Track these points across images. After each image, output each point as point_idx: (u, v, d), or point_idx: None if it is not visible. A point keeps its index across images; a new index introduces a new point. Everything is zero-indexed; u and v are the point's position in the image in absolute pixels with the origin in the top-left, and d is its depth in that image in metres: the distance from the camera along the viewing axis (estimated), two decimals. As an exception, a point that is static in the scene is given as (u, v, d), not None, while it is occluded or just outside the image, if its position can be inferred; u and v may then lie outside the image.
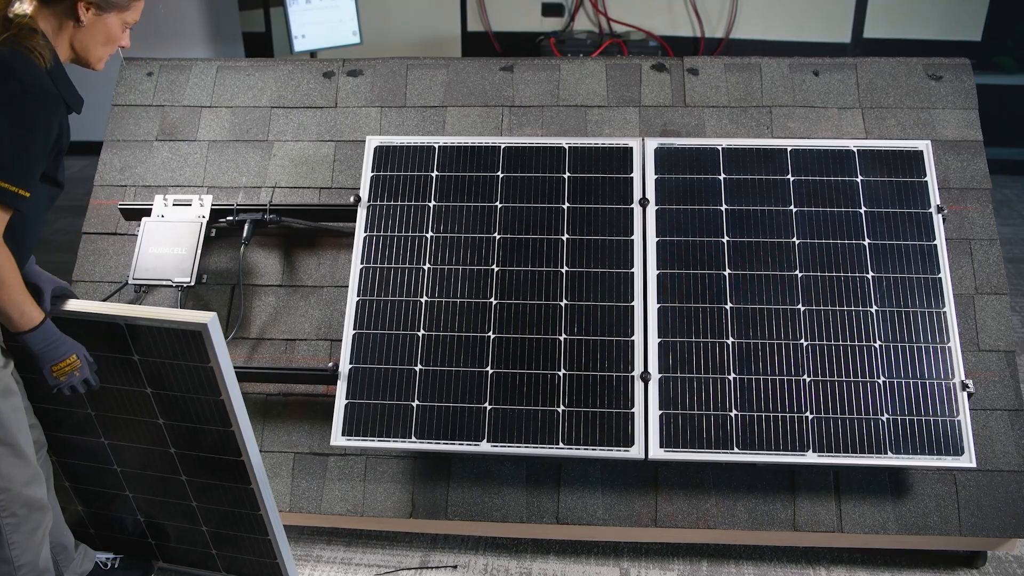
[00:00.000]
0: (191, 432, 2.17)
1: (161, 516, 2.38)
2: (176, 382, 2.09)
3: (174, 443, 2.21)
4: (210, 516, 2.31)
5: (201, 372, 2.04)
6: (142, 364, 2.09)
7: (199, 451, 2.19)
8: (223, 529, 2.33)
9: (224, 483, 2.22)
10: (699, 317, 2.40)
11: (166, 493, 2.32)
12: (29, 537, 1.96)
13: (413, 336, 2.44)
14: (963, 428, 2.28)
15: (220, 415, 2.10)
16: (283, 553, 2.30)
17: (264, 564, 2.35)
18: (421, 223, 2.55)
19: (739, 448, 2.29)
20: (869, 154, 2.55)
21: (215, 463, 2.19)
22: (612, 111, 2.80)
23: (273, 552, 2.30)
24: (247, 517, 2.26)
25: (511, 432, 2.34)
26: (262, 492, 2.20)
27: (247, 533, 2.29)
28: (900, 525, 2.38)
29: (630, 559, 2.54)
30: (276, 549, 2.30)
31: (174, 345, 2.02)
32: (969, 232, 2.61)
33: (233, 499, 2.24)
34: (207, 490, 2.26)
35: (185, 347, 2.01)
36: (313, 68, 2.92)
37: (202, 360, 2.02)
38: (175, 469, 2.26)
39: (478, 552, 2.57)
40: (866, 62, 2.83)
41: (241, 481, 2.19)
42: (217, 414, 2.10)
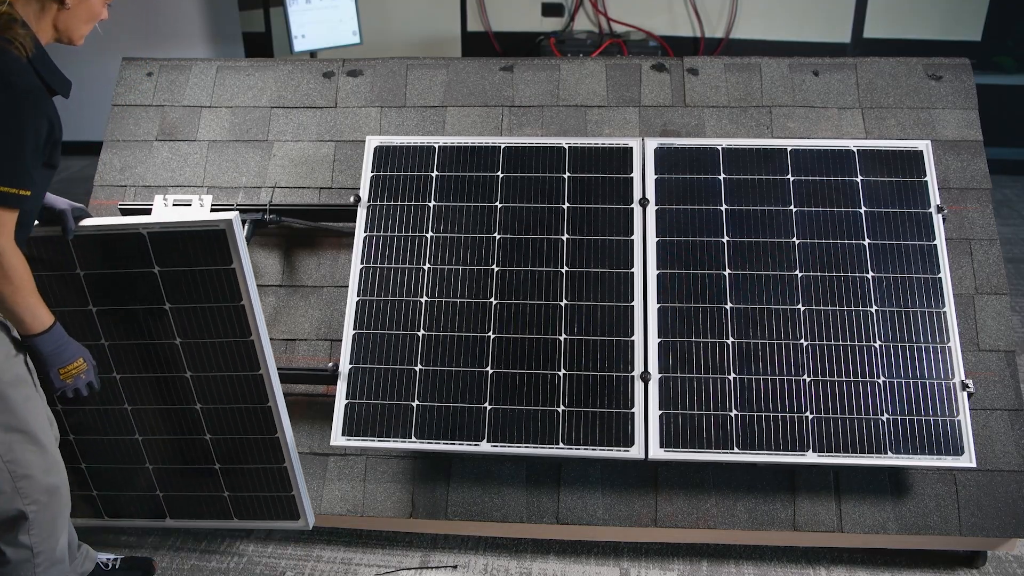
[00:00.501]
0: (209, 350, 2.14)
1: (171, 458, 2.31)
2: (197, 291, 2.08)
3: (190, 366, 2.18)
4: (223, 449, 2.26)
5: (223, 276, 2.04)
6: (163, 276, 2.08)
7: (216, 370, 2.16)
8: (236, 462, 2.28)
9: (241, 405, 2.18)
10: (699, 317, 2.40)
11: (178, 428, 2.26)
12: (49, 525, 1.98)
13: (413, 336, 2.44)
14: (963, 428, 2.28)
15: (240, 323, 2.08)
16: (299, 483, 2.26)
17: (279, 499, 2.31)
18: (421, 223, 2.55)
19: (739, 448, 2.29)
20: (869, 154, 2.55)
21: (233, 385, 2.15)
22: (612, 111, 2.80)
23: (288, 483, 2.26)
24: (263, 445, 2.21)
25: (511, 432, 2.34)
26: (280, 411, 2.17)
27: (262, 463, 2.25)
28: (900, 525, 2.38)
29: (630, 559, 2.54)
30: (292, 479, 2.25)
31: (196, 250, 2.04)
32: (969, 232, 2.61)
33: (250, 423, 2.20)
34: (223, 418, 2.22)
35: (207, 251, 2.03)
36: (313, 68, 2.92)
37: (224, 262, 2.03)
38: (190, 397, 2.22)
39: (478, 552, 2.57)
40: (866, 62, 2.83)
41: (259, 399, 2.15)
42: (237, 323, 2.08)
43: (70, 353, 1.93)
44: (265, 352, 2.16)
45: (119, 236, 2.09)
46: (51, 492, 1.98)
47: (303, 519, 2.40)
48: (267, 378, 2.18)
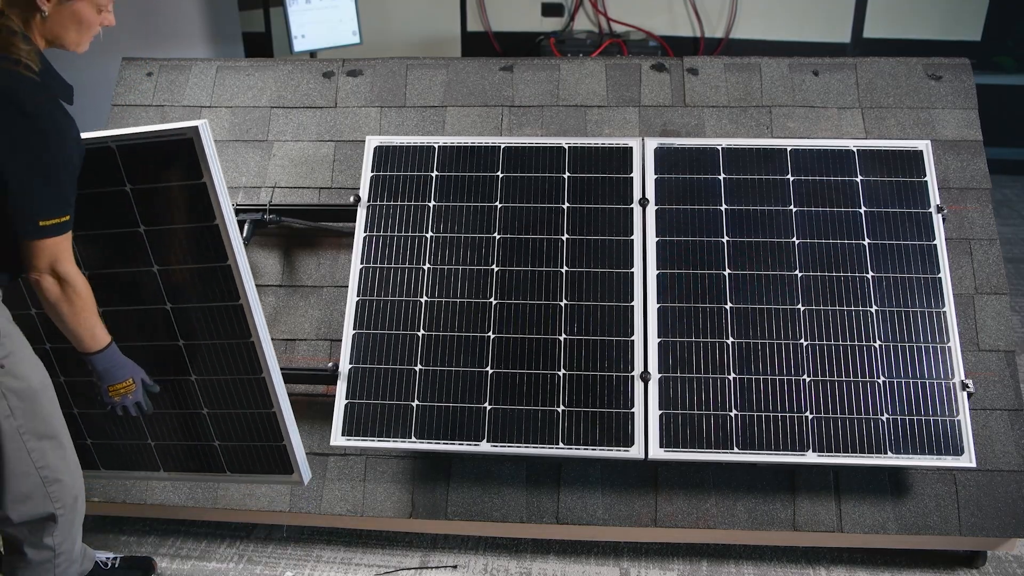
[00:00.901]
0: (188, 278, 2.04)
1: (157, 402, 2.21)
2: (169, 211, 1.97)
3: (170, 297, 2.07)
4: (208, 392, 2.19)
5: (194, 191, 1.93)
6: (135, 195, 1.96)
7: (196, 301, 2.06)
8: (223, 407, 2.21)
9: (224, 340, 2.09)
10: (699, 317, 2.40)
11: (163, 370, 2.17)
12: (71, 527, 2.01)
13: (413, 336, 2.44)
14: (963, 428, 2.28)
15: (215, 247, 1.97)
16: (290, 434, 2.18)
17: (271, 450, 2.22)
18: (421, 223, 2.55)
19: (739, 448, 2.29)
20: (869, 154, 2.55)
21: (212, 316, 2.06)
22: (612, 111, 2.80)
23: (279, 432, 2.20)
24: (248, 385, 2.15)
25: (511, 432, 2.34)
26: (264, 348, 2.08)
27: (249, 408, 2.19)
28: (900, 525, 2.38)
29: (630, 559, 2.54)
30: (282, 428, 2.18)
31: (167, 162, 1.92)
32: (969, 232, 2.61)
33: (234, 361, 2.12)
34: (205, 356, 2.14)
35: (177, 162, 1.93)
36: (313, 68, 2.92)
37: (194, 176, 1.91)
38: (172, 333, 2.11)
39: (478, 552, 2.57)
40: (866, 62, 2.83)
41: (241, 335, 2.07)
42: (213, 246, 1.97)
43: (123, 373, 1.97)
44: (244, 280, 2.00)
45: (88, 153, 1.95)
46: (76, 496, 2.00)
47: (296, 473, 2.28)
48: (248, 309, 2.03)
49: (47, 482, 1.91)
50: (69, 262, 1.82)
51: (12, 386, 1.81)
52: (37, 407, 1.88)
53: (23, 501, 1.90)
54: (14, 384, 1.82)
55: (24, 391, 1.84)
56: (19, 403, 1.83)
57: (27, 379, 1.85)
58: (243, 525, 2.68)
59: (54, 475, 1.92)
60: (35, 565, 1.97)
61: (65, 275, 1.81)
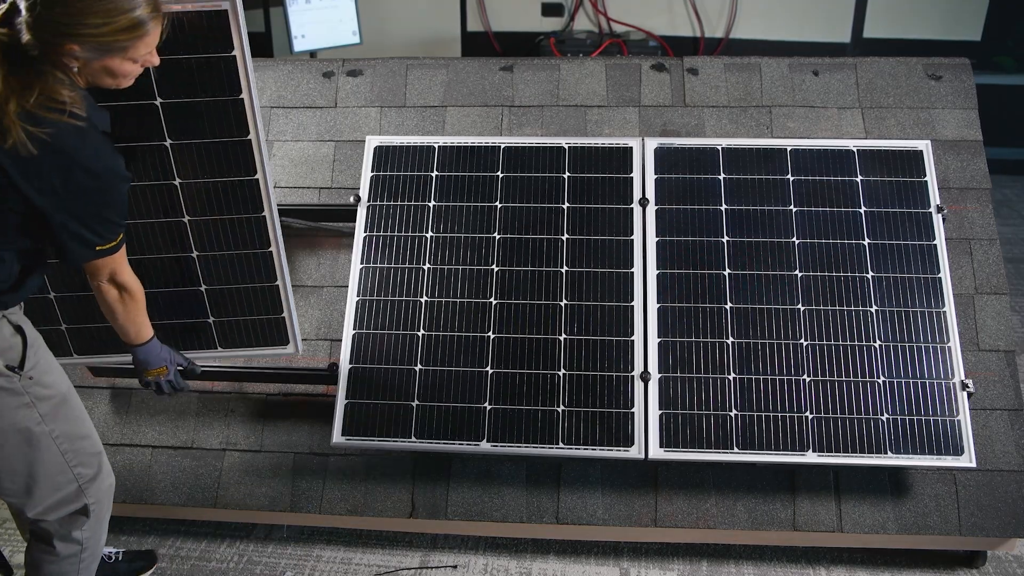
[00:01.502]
0: (204, 152, 2.06)
1: (153, 280, 2.21)
2: (192, 83, 2.00)
3: (179, 172, 2.08)
4: (211, 269, 2.20)
5: (221, 64, 1.97)
6: (154, 69, 1.95)
7: (209, 175, 2.08)
8: (224, 282, 2.21)
9: (234, 215, 2.13)
10: (699, 317, 2.40)
11: (163, 245, 2.18)
12: (100, 523, 2.05)
13: (413, 336, 2.44)
14: (963, 428, 2.28)
15: (238, 120, 2.01)
16: (290, 306, 2.19)
17: (268, 323, 2.25)
18: (421, 223, 2.55)
19: (739, 448, 2.29)
20: (869, 154, 2.55)
21: (226, 193, 2.08)
22: (612, 111, 2.80)
23: (279, 304, 2.21)
24: (255, 261, 2.18)
25: (511, 432, 2.34)
26: (274, 222, 2.11)
27: (252, 283, 2.21)
28: (900, 525, 2.38)
29: (630, 559, 2.54)
30: (284, 300, 2.20)
31: (195, 38, 1.96)
32: (969, 232, 2.61)
33: (241, 237, 2.14)
34: (212, 231, 2.16)
35: (206, 36, 1.96)
36: (313, 68, 2.92)
37: (225, 48, 1.95)
38: (177, 209, 2.12)
39: (478, 552, 2.57)
40: (866, 62, 2.83)
41: (254, 209, 2.10)
42: (235, 119, 2.01)
43: (158, 362, 2.10)
44: (264, 157, 2.01)
45: None
46: (108, 493, 2.05)
47: (292, 344, 2.30)
48: (263, 184, 2.04)
49: (81, 479, 1.96)
50: (126, 272, 1.91)
51: (41, 394, 1.85)
52: (67, 410, 1.91)
53: (60, 500, 1.94)
54: (43, 392, 1.85)
55: (52, 397, 1.88)
56: (49, 409, 1.86)
57: (55, 386, 1.89)
58: (243, 525, 2.68)
59: (89, 472, 1.97)
60: (62, 559, 2.00)
61: (124, 284, 1.91)
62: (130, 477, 2.54)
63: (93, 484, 1.98)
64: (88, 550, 2.03)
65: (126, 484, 2.56)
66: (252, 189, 2.15)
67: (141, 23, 1.59)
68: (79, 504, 1.97)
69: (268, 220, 2.19)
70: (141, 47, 1.65)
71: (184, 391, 2.23)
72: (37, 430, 1.85)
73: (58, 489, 1.93)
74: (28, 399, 1.81)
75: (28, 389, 1.81)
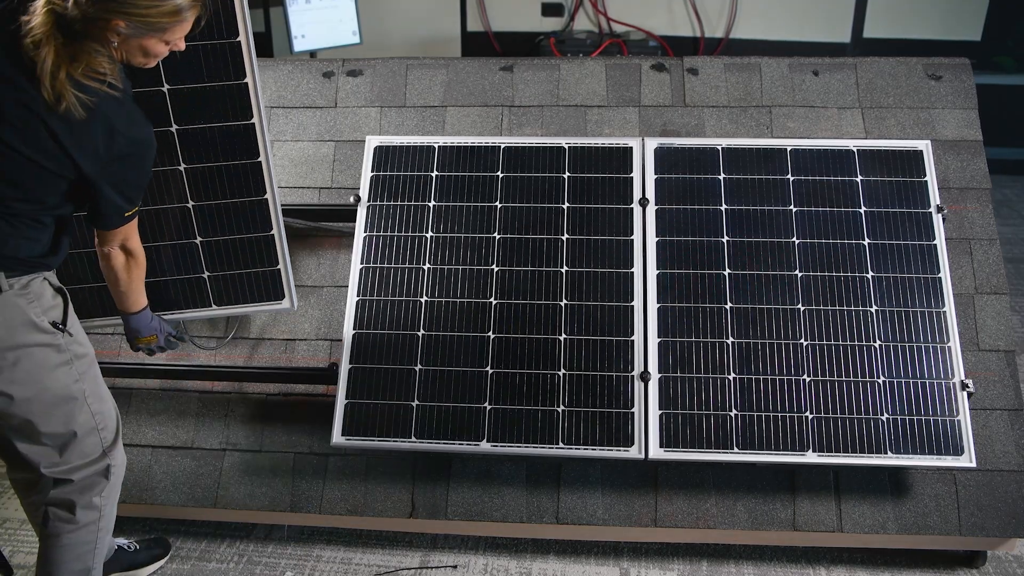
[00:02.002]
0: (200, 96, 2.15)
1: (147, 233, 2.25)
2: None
3: (177, 117, 2.16)
4: (204, 219, 2.26)
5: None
6: None
7: (206, 120, 2.15)
8: (219, 233, 2.27)
9: (231, 160, 2.20)
10: (699, 317, 2.40)
11: (157, 197, 2.23)
12: (115, 489, 2.10)
13: (413, 336, 2.44)
14: (963, 428, 2.28)
15: (236, 66, 2.11)
16: (285, 258, 2.23)
17: (262, 276, 2.29)
18: (421, 223, 2.55)
19: (739, 448, 2.29)
20: (869, 154, 2.55)
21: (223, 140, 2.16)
22: (612, 111, 2.80)
23: (275, 256, 2.25)
24: (248, 209, 2.23)
25: (511, 432, 2.34)
26: (270, 168, 2.16)
27: (247, 232, 2.25)
28: (900, 525, 2.38)
29: (630, 559, 2.54)
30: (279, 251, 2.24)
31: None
32: (969, 232, 2.61)
33: (238, 185, 2.20)
34: (207, 181, 2.22)
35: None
36: (313, 68, 2.92)
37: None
38: (174, 158, 2.20)
39: (478, 552, 2.57)
40: (866, 62, 2.83)
41: (250, 153, 2.16)
42: (233, 66, 2.11)
43: (148, 331, 2.19)
44: (259, 100, 2.10)
45: None
46: (124, 458, 2.12)
47: (288, 299, 2.34)
48: (259, 127, 2.11)
49: (105, 441, 2.03)
50: (136, 238, 2.01)
51: (78, 352, 1.94)
52: (95, 371, 2.01)
53: (87, 461, 2.01)
54: (79, 350, 1.95)
55: (86, 356, 1.97)
56: (84, 369, 1.96)
57: (87, 345, 1.99)
58: (243, 525, 2.68)
59: (109, 436, 2.04)
60: (81, 526, 2.04)
61: (132, 250, 2.01)
62: (130, 477, 2.54)
63: (114, 448, 2.06)
64: (105, 518, 2.09)
65: (126, 484, 2.55)
66: (250, 132, 2.23)
67: (183, 9, 1.75)
68: (102, 465, 2.04)
69: (264, 166, 2.26)
70: (178, 31, 1.81)
71: (174, 349, 2.34)
72: (75, 388, 1.93)
73: (86, 450, 2.00)
74: (69, 356, 1.91)
75: (69, 347, 1.90)
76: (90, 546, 2.07)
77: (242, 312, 2.39)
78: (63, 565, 2.04)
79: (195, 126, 2.23)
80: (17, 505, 2.78)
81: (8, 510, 2.76)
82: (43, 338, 1.85)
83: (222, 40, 2.12)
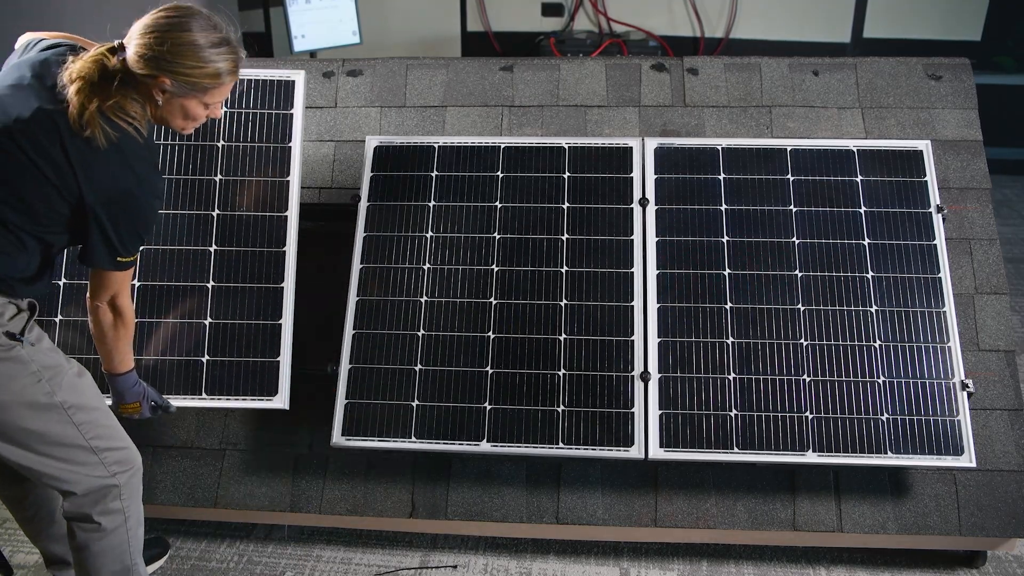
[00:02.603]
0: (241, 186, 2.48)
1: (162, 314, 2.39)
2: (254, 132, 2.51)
3: (220, 204, 2.46)
4: (220, 304, 2.41)
5: (282, 119, 2.53)
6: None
7: (247, 208, 2.47)
8: (226, 316, 2.42)
9: (260, 247, 2.45)
10: (699, 317, 2.40)
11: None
12: (134, 492, 2.08)
13: (413, 336, 2.44)
14: (963, 428, 2.28)
15: (284, 164, 2.52)
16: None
17: (260, 366, 2.39)
18: (421, 223, 2.55)
19: (739, 448, 2.29)
20: (869, 154, 2.55)
21: (256, 227, 2.45)
22: (612, 111, 2.80)
23: (278, 347, 2.40)
24: (262, 295, 2.41)
25: (511, 432, 2.34)
26: (290, 257, 2.43)
27: (260, 319, 2.41)
28: (900, 525, 2.38)
29: (630, 559, 2.54)
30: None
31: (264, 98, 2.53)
32: (969, 232, 2.61)
33: (260, 271, 2.44)
34: (233, 263, 2.44)
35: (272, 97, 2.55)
36: (313, 68, 2.92)
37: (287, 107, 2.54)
38: (208, 239, 2.45)
39: (478, 552, 2.57)
40: (866, 62, 2.83)
41: (279, 242, 2.45)
42: (280, 163, 2.52)
43: (133, 397, 2.17)
44: (295, 195, 2.49)
45: None
46: (132, 457, 2.07)
47: (280, 397, 2.39)
48: (291, 220, 2.45)
49: (99, 451, 1.98)
50: (126, 295, 2.01)
51: (45, 362, 1.88)
52: (75, 382, 1.95)
53: (83, 471, 1.96)
54: (47, 360, 1.89)
55: (56, 367, 1.91)
56: (59, 379, 1.90)
57: (59, 356, 1.94)
58: (243, 525, 2.68)
59: (106, 444, 1.99)
60: (110, 531, 2.03)
61: (121, 307, 2.00)
62: (130, 477, 2.54)
63: (113, 454, 2.01)
64: (131, 518, 2.07)
65: (126, 484, 2.56)
66: (282, 223, 2.47)
67: (222, 73, 1.87)
68: (103, 472, 1.99)
69: (288, 255, 2.45)
70: (216, 94, 1.91)
71: (157, 417, 2.31)
72: (47, 399, 1.87)
73: (78, 458, 1.94)
74: (35, 367, 1.85)
75: (33, 357, 1.85)
76: (123, 547, 2.06)
77: (231, 406, 2.40)
78: (103, 570, 2.04)
79: (235, 212, 2.48)
80: (17, 505, 2.78)
81: (6, 511, 2.76)
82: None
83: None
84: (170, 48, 1.79)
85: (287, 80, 2.56)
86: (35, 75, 1.81)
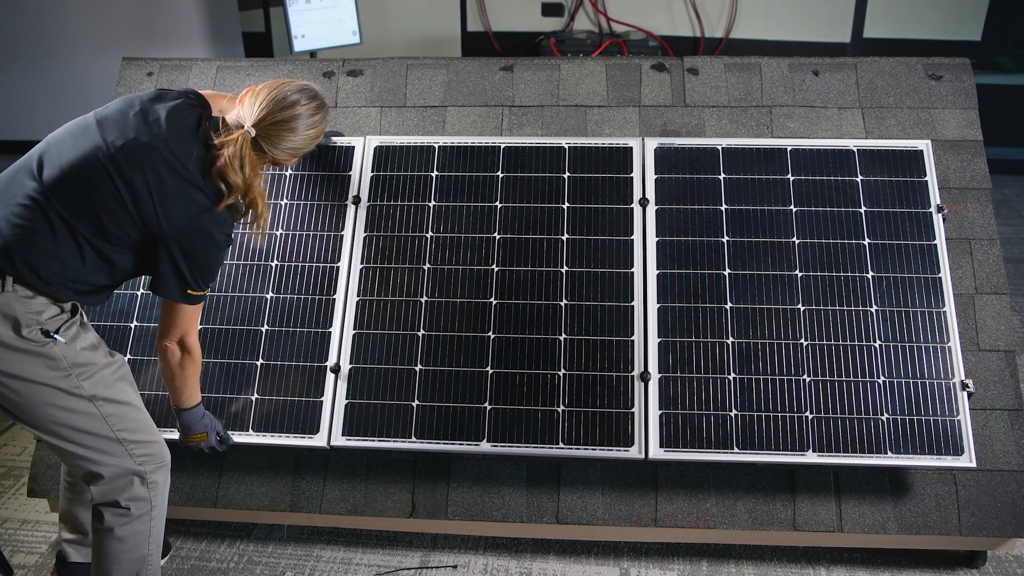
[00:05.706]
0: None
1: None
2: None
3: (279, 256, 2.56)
4: (272, 345, 2.49)
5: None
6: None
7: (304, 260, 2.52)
8: (277, 358, 2.48)
9: (313, 295, 2.51)
10: (699, 317, 2.40)
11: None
12: (164, 485, 2.13)
13: (413, 336, 2.44)
14: (963, 428, 2.28)
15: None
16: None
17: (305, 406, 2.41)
18: (421, 223, 2.55)
19: (739, 448, 2.29)
20: (869, 154, 2.55)
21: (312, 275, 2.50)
22: (612, 111, 2.80)
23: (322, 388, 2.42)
24: (314, 338, 2.46)
25: (511, 432, 2.34)
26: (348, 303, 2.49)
27: (308, 360, 2.48)
28: (900, 525, 2.38)
29: (630, 559, 2.54)
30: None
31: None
32: (969, 232, 2.61)
33: (313, 316, 2.48)
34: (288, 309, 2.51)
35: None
36: (313, 68, 2.92)
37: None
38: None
39: (478, 552, 2.57)
40: (866, 62, 2.83)
41: (329, 290, 2.51)
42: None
43: (200, 428, 2.27)
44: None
45: None
46: (160, 450, 2.11)
47: (322, 434, 2.40)
48: (347, 271, 2.51)
49: (126, 443, 2.03)
50: (194, 335, 2.11)
51: (77, 360, 1.93)
52: (107, 378, 1.99)
53: (109, 459, 2.01)
54: (78, 359, 1.94)
55: (90, 365, 1.96)
56: (89, 375, 1.95)
57: (93, 355, 1.98)
58: (243, 525, 2.68)
59: (133, 437, 2.04)
60: (136, 517, 2.07)
61: (189, 347, 2.11)
62: (130, 477, 2.54)
63: (140, 446, 2.05)
64: (157, 508, 2.11)
65: (126, 484, 2.56)
66: (334, 273, 2.52)
67: (305, 148, 2.13)
68: (129, 463, 2.04)
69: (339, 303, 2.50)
70: (296, 159, 2.16)
71: (223, 452, 2.43)
72: (75, 393, 1.93)
73: (102, 447, 1.99)
74: (65, 364, 1.91)
75: (65, 355, 1.90)
76: (144, 535, 2.10)
77: (275, 443, 2.42)
78: (121, 556, 2.07)
79: (293, 263, 2.55)
80: (17, 505, 2.78)
81: (8, 510, 2.76)
82: (28, 345, 1.85)
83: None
84: (280, 130, 2.03)
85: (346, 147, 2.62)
86: (142, 109, 1.93)
